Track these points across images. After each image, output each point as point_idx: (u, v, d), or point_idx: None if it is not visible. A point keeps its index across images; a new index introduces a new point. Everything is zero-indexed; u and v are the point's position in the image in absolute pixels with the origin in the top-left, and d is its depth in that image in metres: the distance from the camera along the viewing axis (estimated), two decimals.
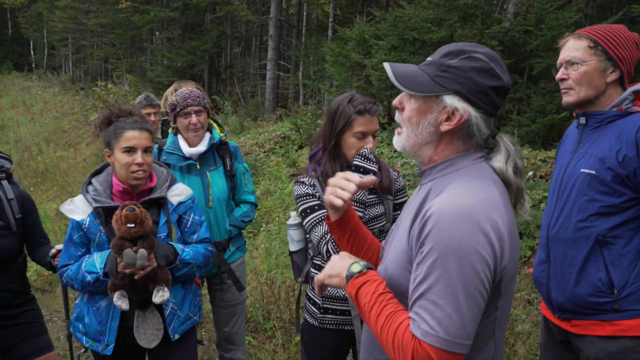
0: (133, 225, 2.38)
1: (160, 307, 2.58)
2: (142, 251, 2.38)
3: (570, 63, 2.27)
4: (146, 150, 2.55)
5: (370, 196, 2.54)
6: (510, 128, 7.99)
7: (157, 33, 21.82)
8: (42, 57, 40.51)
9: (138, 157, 2.50)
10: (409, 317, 1.37)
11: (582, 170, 2.22)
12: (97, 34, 29.76)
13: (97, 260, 2.45)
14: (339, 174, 1.66)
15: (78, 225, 2.52)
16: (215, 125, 3.41)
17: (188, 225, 2.73)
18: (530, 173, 6.61)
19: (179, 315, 2.64)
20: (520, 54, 8.30)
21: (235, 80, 19.73)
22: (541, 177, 6.44)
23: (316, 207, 2.45)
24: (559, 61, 2.34)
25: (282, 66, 17.75)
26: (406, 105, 1.52)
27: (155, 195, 2.60)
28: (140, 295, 2.47)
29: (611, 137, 2.17)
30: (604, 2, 10.36)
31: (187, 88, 3.26)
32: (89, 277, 2.44)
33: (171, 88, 3.33)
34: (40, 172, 14.28)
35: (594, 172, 2.17)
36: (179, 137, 3.33)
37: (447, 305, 1.29)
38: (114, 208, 2.47)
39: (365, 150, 2.42)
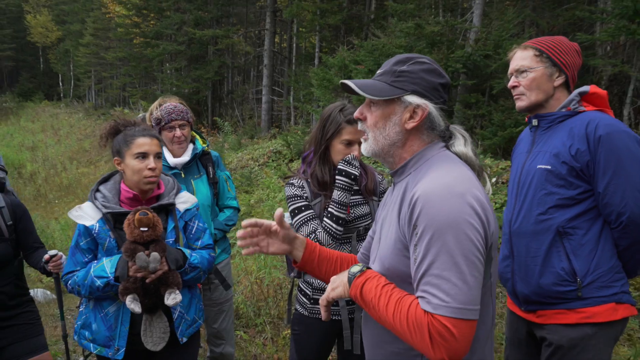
0: (146, 229, 2.17)
1: (168, 311, 2.34)
2: (155, 254, 2.16)
3: (519, 71, 2.19)
4: (157, 156, 2.34)
5: (356, 197, 2.40)
6: (474, 141, 7.88)
7: (166, 64, 21.72)
8: (69, 88, 41.01)
9: (151, 162, 2.29)
10: (417, 297, 1.29)
11: (539, 166, 2.11)
12: (115, 67, 29.84)
13: (107, 265, 2.20)
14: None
15: (86, 231, 2.28)
16: (197, 136, 3.21)
17: (193, 232, 2.50)
18: (493, 180, 6.49)
19: (186, 319, 2.41)
20: (481, 75, 8.31)
21: (235, 104, 19.61)
22: (503, 183, 6.35)
23: (303, 208, 2.32)
24: (509, 71, 2.25)
25: (276, 91, 17.73)
26: (368, 115, 1.49)
27: (164, 201, 2.38)
28: (151, 299, 2.24)
29: (563, 134, 2.08)
30: (551, 32, 10.38)
31: (172, 103, 3.04)
32: (98, 282, 2.18)
33: (156, 103, 3.09)
34: (65, 186, 14.09)
35: (550, 167, 2.07)
36: (164, 148, 3.10)
37: (452, 276, 1.22)
38: (123, 214, 2.25)
39: (349, 156, 2.30)
